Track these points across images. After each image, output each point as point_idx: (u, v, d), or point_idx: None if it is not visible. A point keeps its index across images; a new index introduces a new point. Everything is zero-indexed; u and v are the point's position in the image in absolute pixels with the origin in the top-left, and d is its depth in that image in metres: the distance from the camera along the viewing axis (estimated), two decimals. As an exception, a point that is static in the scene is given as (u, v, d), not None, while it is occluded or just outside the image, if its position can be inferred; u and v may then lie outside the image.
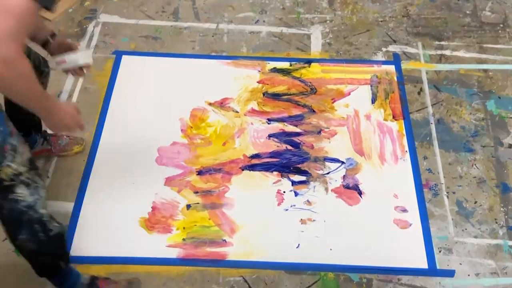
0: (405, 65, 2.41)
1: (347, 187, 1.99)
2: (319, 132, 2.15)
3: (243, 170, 2.03)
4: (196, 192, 1.97)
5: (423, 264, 1.80)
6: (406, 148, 2.10)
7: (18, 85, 1.15)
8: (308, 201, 1.95)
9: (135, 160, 2.05)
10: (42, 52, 1.66)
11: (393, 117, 2.21)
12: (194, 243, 1.84)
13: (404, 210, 1.92)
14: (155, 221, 1.89)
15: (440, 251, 1.84)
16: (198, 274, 1.78)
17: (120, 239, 1.85)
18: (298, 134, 2.14)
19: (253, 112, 2.23)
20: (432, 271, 1.79)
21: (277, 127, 2.17)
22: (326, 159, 2.06)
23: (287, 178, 2.01)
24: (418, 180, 2.01)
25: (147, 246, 1.83)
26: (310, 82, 2.33)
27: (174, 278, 1.77)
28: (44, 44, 1.62)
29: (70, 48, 1.62)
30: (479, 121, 2.21)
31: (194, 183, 1.99)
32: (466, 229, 1.90)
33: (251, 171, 2.03)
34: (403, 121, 2.19)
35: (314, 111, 2.22)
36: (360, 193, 1.97)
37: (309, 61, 2.42)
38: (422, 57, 2.45)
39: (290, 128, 2.16)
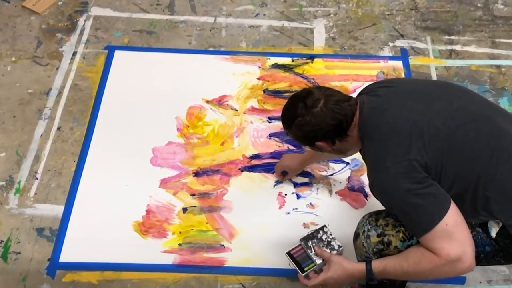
0: (413, 60, 2.41)
1: (352, 189, 1.99)
2: (323, 132, 2.15)
3: (242, 171, 2.03)
4: (192, 195, 1.97)
5: (433, 271, 1.80)
6: (415, 148, 2.10)
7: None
8: (311, 204, 1.95)
9: (129, 161, 2.05)
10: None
11: (401, 115, 2.21)
12: (191, 249, 1.84)
13: (412, 214, 1.92)
14: (150, 225, 1.89)
15: (450, 257, 1.84)
16: (195, 281, 1.78)
17: (113, 244, 1.85)
18: (300, 133, 2.14)
19: (253, 110, 2.23)
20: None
21: (278, 126, 2.17)
22: (330, 159, 2.06)
23: (288, 180, 2.01)
24: (427, 182, 2.00)
25: (141, 251, 1.83)
26: (313, 79, 2.33)
27: (170, 285, 1.77)
28: None
29: None
30: (491, 119, 2.21)
31: (191, 185, 1.99)
32: (477, 233, 1.90)
33: (251, 173, 2.03)
34: (411, 119, 2.19)
35: (317, 109, 2.22)
36: (365, 195, 1.97)
37: (312, 57, 2.42)
38: (431, 52, 2.45)
39: (292, 127, 2.16)
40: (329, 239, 1.53)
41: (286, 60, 2.40)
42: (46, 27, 2.54)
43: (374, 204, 1.93)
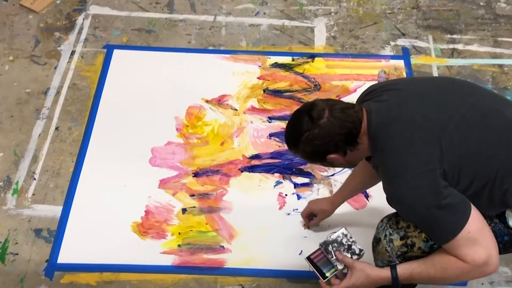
0: (415, 60, 2.41)
1: (353, 189, 1.98)
2: (323, 131, 2.14)
3: (242, 171, 2.03)
4: (192, 195, 1.96)
5: (434, 272, 1.80)
6: (416, 148, 2.10)
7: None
8: (311, 204, 1.95)
9: (127, 161, 2.05)
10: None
11: (402, 115, 2.20)
12: (190, 250, 1.83)
13: (414, 214, 1.92)
14: (149, 226, 1.89)
15: (452, 258, 1.83)
16: (195, 282, 1.77)
17: (111, 245, 1.84)
18: (301, 133, 2.14)
19: (253, 110, 2.23)
20: (443, 279, 1.78)
21: (278, 125, 2.17)
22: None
23: (289, 180, 2.00)
24: (429, 183, 2.00)
25: (140, 252, 1.82)
26: (314, 78, 2.33)
27: (169, 286, 1.76)
28: None
29: None
30: (493, 119, 2.21)
31: (190, 186, 1.99)
32: (479, 234, 1.89)
33: (251, 173, 2.03)
34: (412, 119, 2.19)
35: (318, 109, 2.22)
36: (366, 196, 1.97)
37: (312, 56, 2.41)
38: (433, 51, 2.45)
39: (292, 127, 2.16)
40: (349, 243, 1.48)
41: (287, 59, 2.40)
42: (44, 26, 2.54)
43: (375, 204, 1.94)
